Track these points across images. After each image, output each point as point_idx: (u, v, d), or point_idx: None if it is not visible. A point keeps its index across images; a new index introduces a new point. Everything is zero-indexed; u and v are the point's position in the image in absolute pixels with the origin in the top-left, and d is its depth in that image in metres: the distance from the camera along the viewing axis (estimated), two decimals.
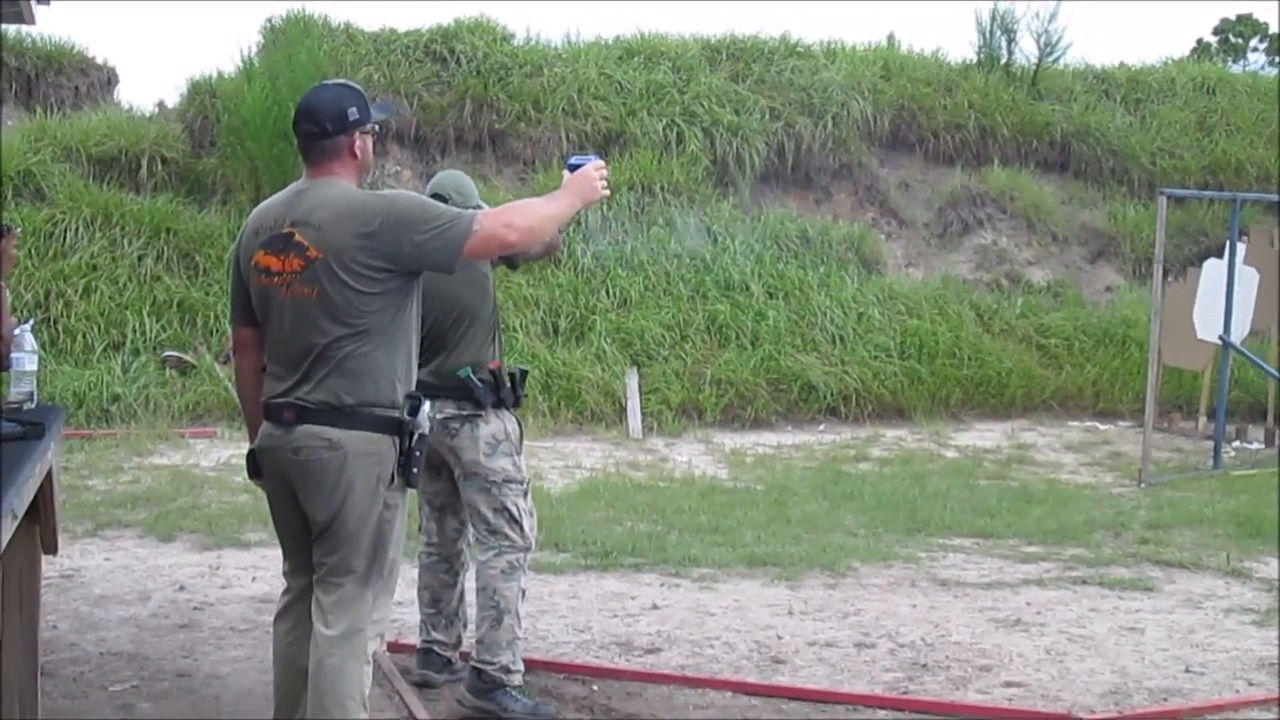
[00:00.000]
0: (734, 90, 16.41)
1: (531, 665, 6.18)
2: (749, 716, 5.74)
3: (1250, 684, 6.37)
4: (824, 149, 16.45)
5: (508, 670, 5.54)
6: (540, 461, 11.43)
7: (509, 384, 5.65)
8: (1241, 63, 42.66)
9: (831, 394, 13.73)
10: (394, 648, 6.28)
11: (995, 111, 17.35)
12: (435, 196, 5.42)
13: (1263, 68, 44.70)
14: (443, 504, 5.87)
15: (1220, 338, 12.63)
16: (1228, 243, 12.91)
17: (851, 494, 10.50)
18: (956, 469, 11.96)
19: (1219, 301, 12.66)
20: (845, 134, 16.56)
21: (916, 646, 6.79)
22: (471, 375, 5.54)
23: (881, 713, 5.83)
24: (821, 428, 13.53)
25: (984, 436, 13.53)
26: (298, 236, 4.32)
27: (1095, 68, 19.05)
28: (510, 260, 5.93)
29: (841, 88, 16.70)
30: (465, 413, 5.56)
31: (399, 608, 6.83)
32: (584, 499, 10.06)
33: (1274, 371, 13.39)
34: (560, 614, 7.16)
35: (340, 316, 4.29)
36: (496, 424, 5.60)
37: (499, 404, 5.61)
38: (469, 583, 5.89)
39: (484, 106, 15.60)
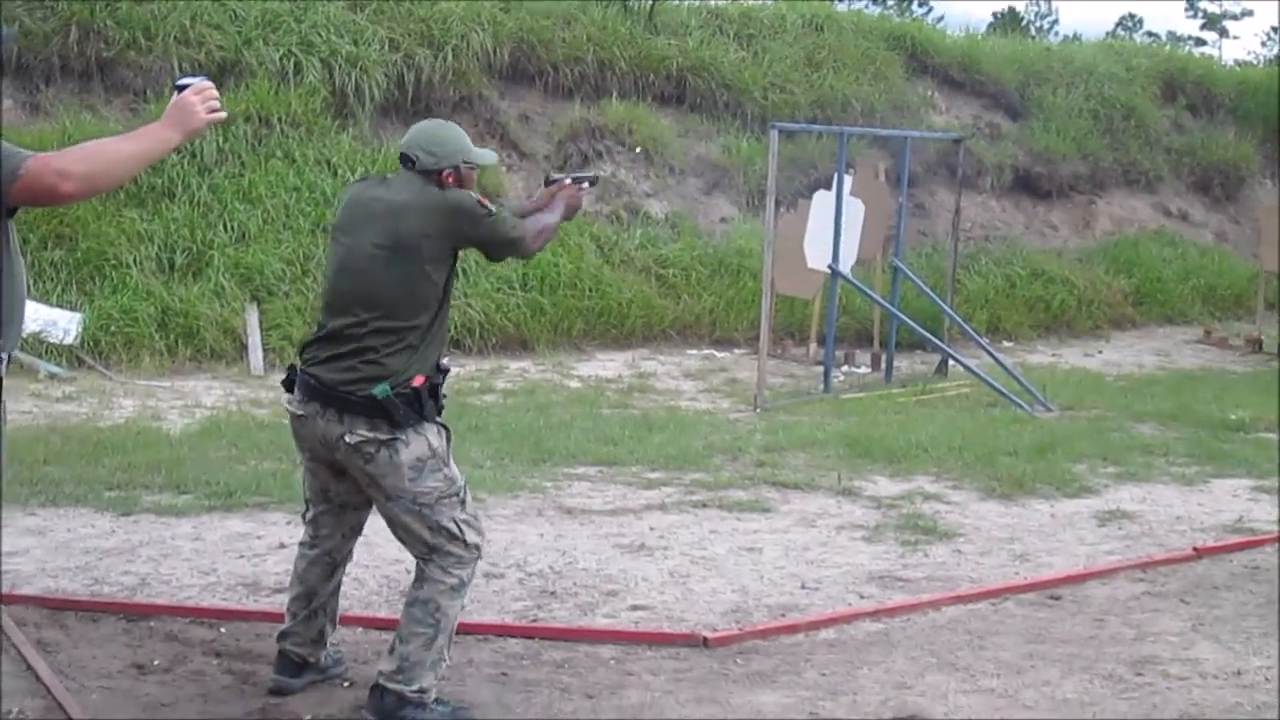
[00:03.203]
0: (352, 20, 16.14)
1: (155, 610, 6.07)
2: (380, 651, 5.74)
3: (861, 597, 6.72)
4: (444, 81, 16.33)
5: (424, 692, 4.92)
6: (159, 401, 11.15)
7: (430, 397, 4.90)
8: (848, 1, 44.14)
9: (455, 327, 13.75)
10: (9, 599, 6.04)
11: (613, 45, 17.58)
12: (402, 156, 5.00)
13: (867, 6, 46.46)
14: (344, 502, 5.18)
15: (829, 267, 13.13)
16: (835, 175, 13.40)
17: (477, 426, 10.54)
18: (580, 398, 12.15)
19: (828, 232, 13.15)
20: (465, 66, 16.48)
21: (545, 574, 6.92)
22: (390, 395, 4.78)
23: (512, 641, 5.91)
24: (446, 360, 13.50)
25: (606, 366, 13.78)
26: None
27: (709, 4, 19.53)
28: (489, 252, 5.17)
29: (461, 19, 16.61)
30: (382, 437, 4.80)
31: (11, 558, 6.60)
32: (205, 438, 9.83)
33: (880, 299, 14.02)
34: (184, 557, 7.01)
35: None
36: (419, 443, 4.85)
37: (419, 421, 4.86)
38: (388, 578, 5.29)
39: (90, 33, 14.88)
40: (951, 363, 13.94)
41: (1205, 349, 17.21)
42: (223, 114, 4.25)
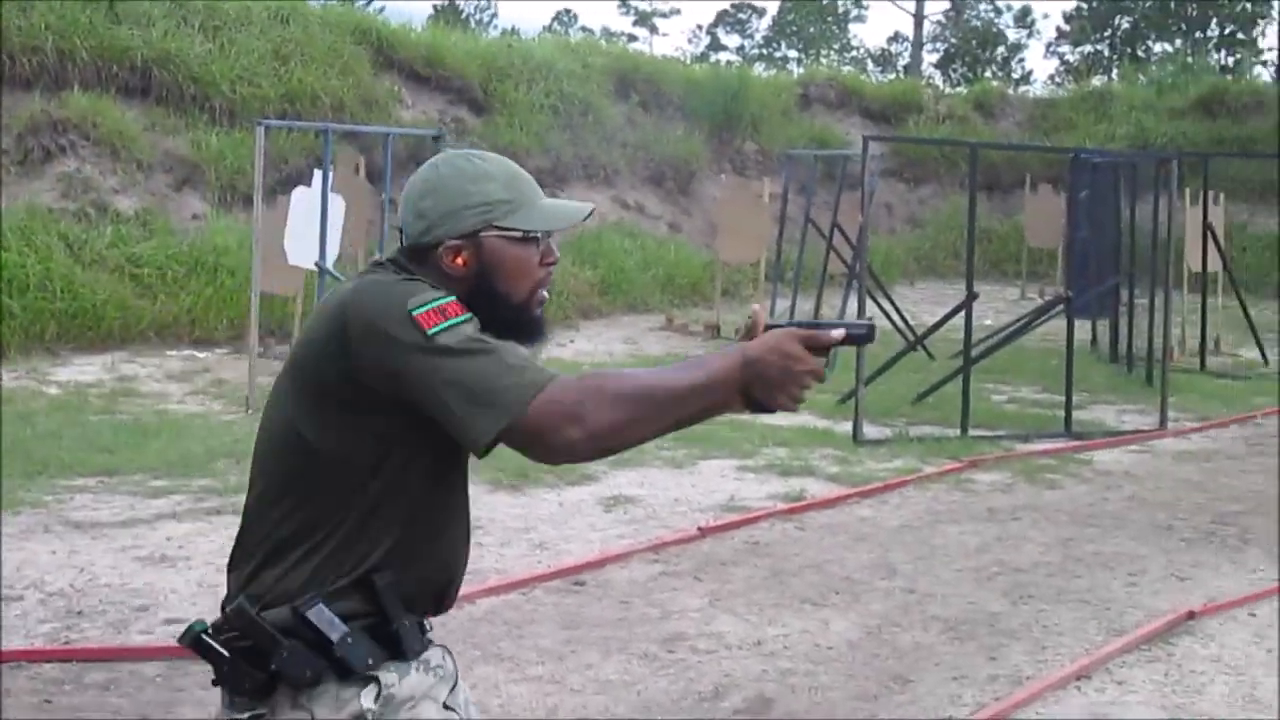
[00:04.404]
0: None
1: None
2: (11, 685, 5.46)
3: None
4: None
5: None
6: None
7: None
8: None
9: None
10: None
11: (73, 34, 16.89)
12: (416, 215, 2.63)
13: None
14: None
15: (317, 264, 13.07)
16: (319, 171, 13.33)
17: None
18: (63, 406, 11.67)
19: (310, 228, 13.07)
20: None
21: (67, 594, 6.68)
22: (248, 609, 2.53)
23: (48, 666, 5.71)
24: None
25: (84, 371, 13.25)
26: None
27: None
28: (455, 428, 2.42)
29: None
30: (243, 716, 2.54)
31: None
32: None
33: None
34: None
35: None
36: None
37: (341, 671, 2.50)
38: None
39: None
40: None
41: (669, 335, 18.09)
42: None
